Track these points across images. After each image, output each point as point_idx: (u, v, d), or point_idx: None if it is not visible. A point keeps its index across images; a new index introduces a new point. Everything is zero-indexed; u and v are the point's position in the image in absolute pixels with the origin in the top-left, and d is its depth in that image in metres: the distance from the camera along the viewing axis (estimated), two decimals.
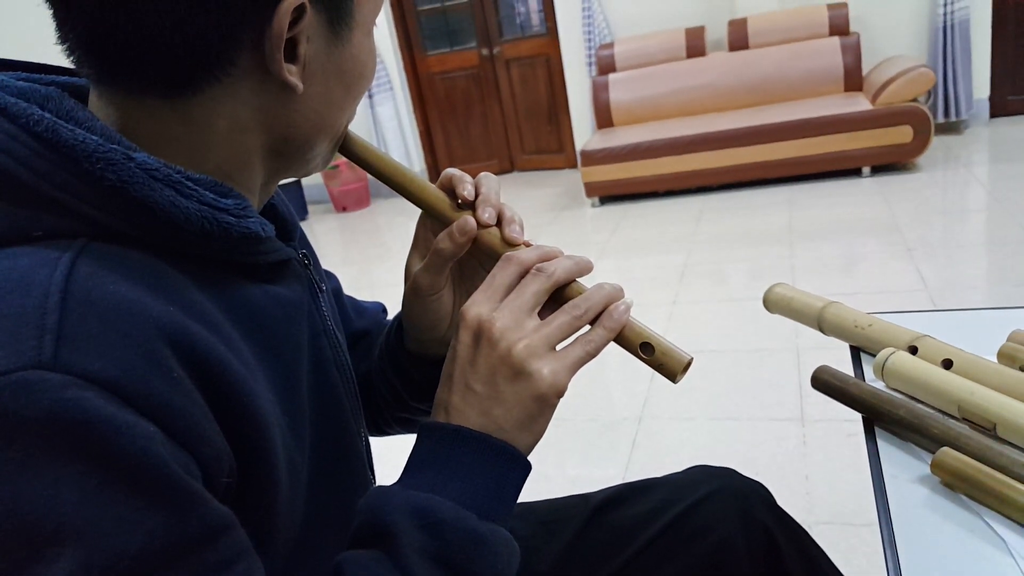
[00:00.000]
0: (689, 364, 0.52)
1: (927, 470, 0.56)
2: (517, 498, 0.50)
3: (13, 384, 0.35)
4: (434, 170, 5.53)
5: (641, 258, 3.43)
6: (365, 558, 0.45)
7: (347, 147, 0.58)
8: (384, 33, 5.14)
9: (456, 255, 0.58)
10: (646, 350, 0.52)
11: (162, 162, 0.44)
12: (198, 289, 0.45)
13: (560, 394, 0.49)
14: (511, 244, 0.57)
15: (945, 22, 4.04)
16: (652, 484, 0.81)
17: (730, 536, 0.73)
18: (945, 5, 4.01)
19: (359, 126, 5.16)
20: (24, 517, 0.35)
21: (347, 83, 0.51)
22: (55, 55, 0.47)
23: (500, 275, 0.52)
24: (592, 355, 0.51)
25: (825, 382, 0.68)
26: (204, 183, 0.45)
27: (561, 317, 0.51)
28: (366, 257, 4.21)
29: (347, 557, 0.46)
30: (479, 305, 0.51)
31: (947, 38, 4.06)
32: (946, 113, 4.20)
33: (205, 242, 0.46)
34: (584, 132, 4.98)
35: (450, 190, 0.60)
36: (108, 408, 0.36)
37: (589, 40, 4.68)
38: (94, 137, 0.42)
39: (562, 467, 1.94)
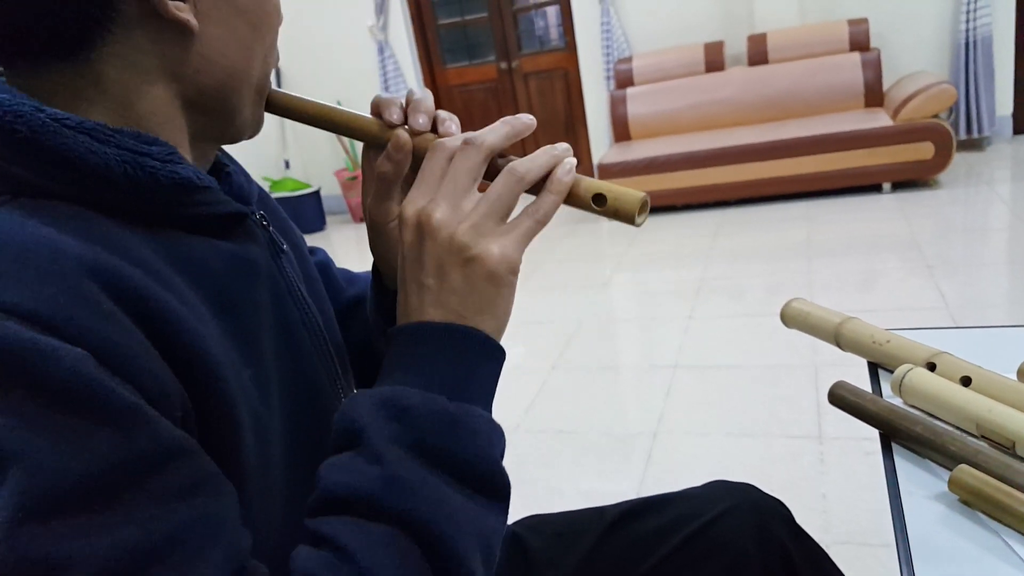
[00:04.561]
0: (646, 203, 0.49)
1: (944, 487, 0.56)
2: (494, 382, 0.49)
3: None
4: None
5: (657, 272, 3.42)
6: (339, 459, 0.44)
7: (272, 102, 0.57)
8: (404, 46, 5.20)
9: (400, 174, 0.56)
10: (599, 202, 0.50)
11: (77, 116, 0.43)
12: (135, 239, 0.44)
13: (513, 270, 0.48)
14: None
15: (967, 38, 4.01)
16: (670, 498, 0.80)
17: (746, 552, 0.72)
18: (967, 21, 3.98)
19: None
20: None
21: (250, 20, 0.50)
22: None
23: (429, 165, 0.50)
24: (542, 223, 0.49)
25: (842, 398, 0.68)
26: (125, 132, 0.45)
27: (500, 183, 0.49)
28: None
29: (323, 465, 0.45)
30: (415, 201, 0.49)
31: (969, 54, 4.03)
32: (968, 130, 4.16)
33: (134, 192, 0.44)
34: (601, 145, 4.99)
35: (379, 112, 0.58)
36: (31, 335, 0.36)
37: (607, 54, 4.70)
38: (2, 95, 0.42)
39: (575, 481, 1.93)
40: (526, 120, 0.52)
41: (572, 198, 0.51)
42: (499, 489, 0.45)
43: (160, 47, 0.46)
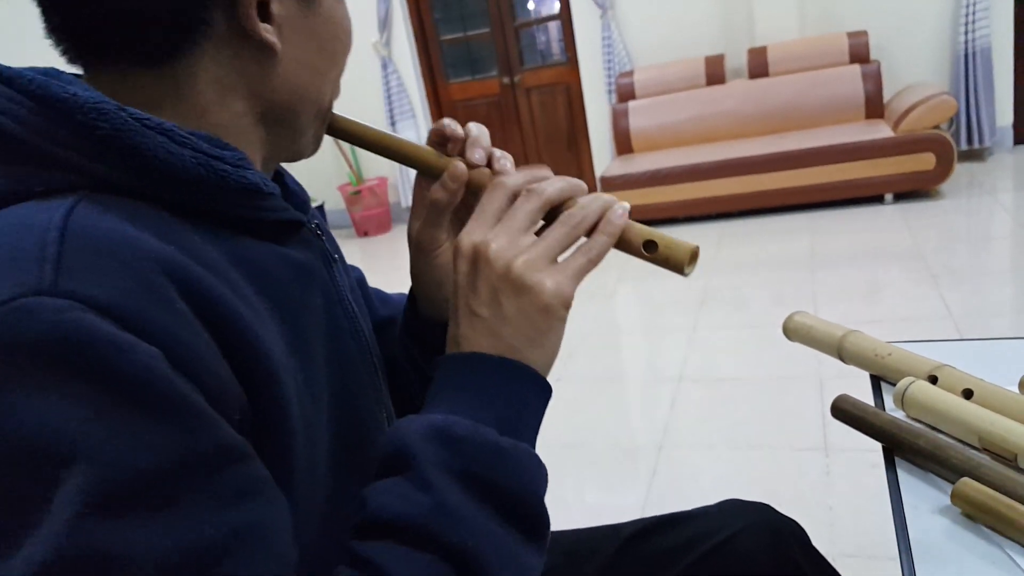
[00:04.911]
0: (696, 253, 0.51)
1: (947, 500, 0.56)
2: (540, 419, 0.49)
3: (14, 310, 0.36)
4: None
5: (660, 283, 3.42)
6: (387, 484, 0.44)
7: (335, 126, 0.59)
8: (407, 61, 5.24)
9: (451, 203, 0.58)
10: (649, 248, 0.52)
11: (156, 118, 0.44)
12: (203, 240, 0.45)
13: (566, 304, 0.49)
14: None
15: (966, 49, 4.03)
16: (684, 517, 0.80)
17: (760, 573, 0.72)
18: (966, 32, 4.00)
19: None
20: (34, 440, 0.35)
21: (324, 47, 0.52)
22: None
23: (489, 201, 0.52)
24: (594, 263, 0.51)
25: (845, 411, 0.68)
26: (199, 136, 0.46)
27: (557, 229, 0.51)
28: (387, 281, 4.21)
29: (370, 487, 0.45)
30: (472, 233, 0.50)
31: (969, 65, 4.05)
32: (969, 140, 4.17)
33: (204, 193, 0.46)
34: (604, 158, 5.01)
35: (436, 143, 0.60)
36: (108, 328, 0.37)
37: (609, 68, 4.72)
38: (86, 93, 0.43)
39: (581, 494, 1.93)
40: (578, 183, 0.55)
41: (623, 243, 0.53)
42: (540, 529, 0.46)
43: (242, 64, 0.48)
